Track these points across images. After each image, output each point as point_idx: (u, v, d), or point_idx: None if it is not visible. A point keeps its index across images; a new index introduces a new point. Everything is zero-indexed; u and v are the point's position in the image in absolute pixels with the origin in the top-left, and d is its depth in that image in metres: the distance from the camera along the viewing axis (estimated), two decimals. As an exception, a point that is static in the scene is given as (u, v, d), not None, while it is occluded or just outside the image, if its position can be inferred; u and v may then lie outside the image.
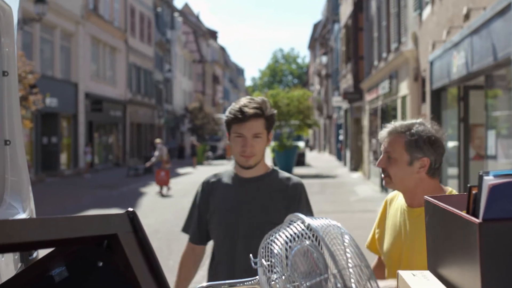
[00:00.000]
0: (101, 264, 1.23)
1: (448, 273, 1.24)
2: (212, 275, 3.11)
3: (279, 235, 1.44)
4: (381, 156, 2.64)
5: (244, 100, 3.03)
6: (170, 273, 3.30)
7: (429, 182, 2.60)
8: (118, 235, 1.19)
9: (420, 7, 16.12)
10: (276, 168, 3.19)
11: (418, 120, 2.62)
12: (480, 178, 1.08)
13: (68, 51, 29.42)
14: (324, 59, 48.52)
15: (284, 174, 3.16)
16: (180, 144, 52.02)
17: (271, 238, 1.48)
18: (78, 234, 1.14)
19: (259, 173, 3.08)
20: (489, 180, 1.06)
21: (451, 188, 2.65)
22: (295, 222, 1.45)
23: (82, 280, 1.27)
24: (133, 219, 1.25)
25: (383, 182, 2.66)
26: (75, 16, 29.39)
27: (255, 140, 2.97)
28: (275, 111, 3.10)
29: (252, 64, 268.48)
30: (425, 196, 1.38)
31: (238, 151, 2.99)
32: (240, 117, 2.95)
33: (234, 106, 3.02)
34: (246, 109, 2.95)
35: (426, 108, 15.67)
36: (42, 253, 1.40)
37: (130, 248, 1.20)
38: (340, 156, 39.25)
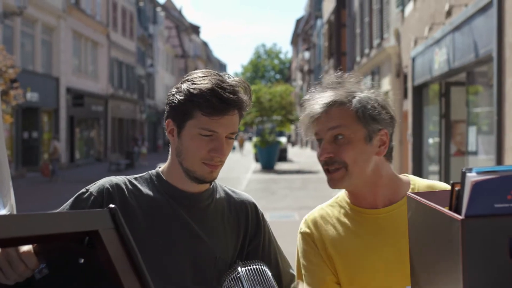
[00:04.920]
0: (82, 261, 1.22)
1: (430, 269, 1.24)
2: None
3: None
4: (323, 142, 1.78)
5: (214, 77, 1.82)
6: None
7: (388, 168, 1.85)
8: (99, 231, 1.18)
9: (402, 3, 16.20)
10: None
11: (351, 79, 1.90)
12: (463, 175, 1.08)
13: (49, 45, 29.19)
14: (307, 54, 48.69)
15: (229, 188, 2.07)
16: (165, 140, 52.11)
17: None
18: (59, 230, 1.13)
19: (205, 187, 1.95)
20: (472, 176, 1.06)
21: (413, 176, 1.91)
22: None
23: (63, 277, 1.26)
24: (114, 215, 1.23)
25: (330, 182, 1.85)
26: (56, 10, 29.17)
27: (228, 142, 1.86)
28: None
29: (235, 59, 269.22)
30: (408, 193, 1.39)
31: (202, 156, 1.83)
32: (219, 106, 1.77)
33: (197, 81, 1.82)
34: (227, 95, 1.78)
35: (408, 104, 15.76)
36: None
37: (112, 244, 1.19)
38: (322, 152, 39.33)
